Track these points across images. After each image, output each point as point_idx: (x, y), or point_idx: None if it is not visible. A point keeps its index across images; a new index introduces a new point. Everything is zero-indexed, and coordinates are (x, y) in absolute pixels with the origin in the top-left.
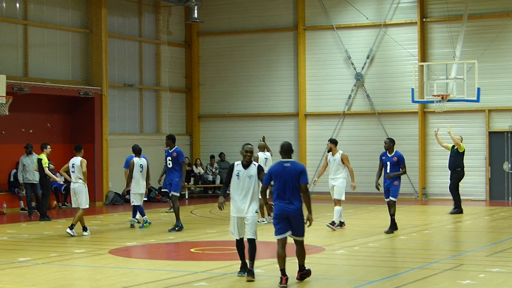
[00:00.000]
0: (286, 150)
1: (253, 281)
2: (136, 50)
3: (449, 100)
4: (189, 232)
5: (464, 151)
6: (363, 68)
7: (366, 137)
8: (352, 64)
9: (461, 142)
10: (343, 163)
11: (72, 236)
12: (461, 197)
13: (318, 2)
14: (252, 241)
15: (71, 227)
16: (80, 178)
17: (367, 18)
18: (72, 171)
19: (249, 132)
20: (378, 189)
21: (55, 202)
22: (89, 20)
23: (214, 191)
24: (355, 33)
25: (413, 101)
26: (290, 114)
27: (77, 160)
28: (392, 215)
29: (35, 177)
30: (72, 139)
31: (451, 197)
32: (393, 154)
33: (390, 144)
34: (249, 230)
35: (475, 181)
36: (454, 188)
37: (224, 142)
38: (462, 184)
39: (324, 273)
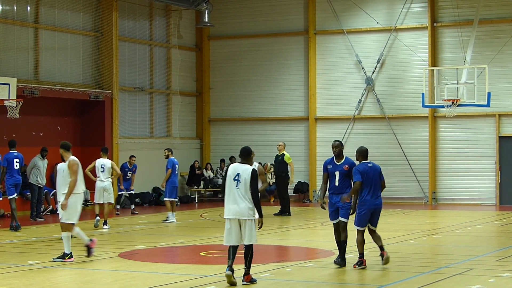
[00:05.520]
0: (365, 154)
1: None
2: (147, 53)
3: (459, 105)
4: (199, 235)
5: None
6: (373, 72)
7: (376, 142)
8: (363, 68)
9: (284, 148)
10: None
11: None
12: (472, 202)
13: (329, 6)
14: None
15: (105, 223)
16: (109, 177)
17: (377, 23)
18: (101, 171)
19: (259, 136)
20: (324, 208)
21: None
22: (100, 23)
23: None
24: (366, 38)
25: (424, 106)
26: (300, 118)
27: (107, 162)
28: (344, 242)
29: (44, 181)
30: (83, 143)
31: (462, 202)
32: (342, 161)
33: (341, 148)
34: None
35: (485, 185)
36: (284, 192)
37: (234, 146)
38: (472, 189)
39: (333, 277)
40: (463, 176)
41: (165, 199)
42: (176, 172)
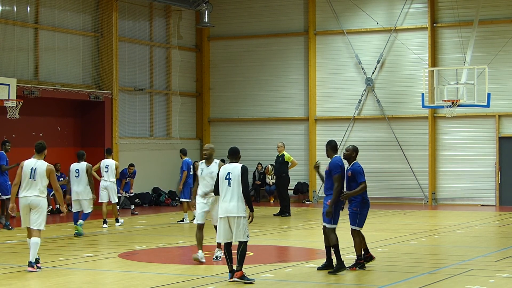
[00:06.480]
0: (357, 152)
1: None
2: (147, 54)
3: (459, 105)
4: None
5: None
6: (373, 73)
7: (376, 142)
8: (363, 69)
9: (284, 148)
10: None
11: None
12: (471, 202)
13: (329, 7)
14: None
15: (117, 220)
16: (113, 178)
17: (377, 23)
18: (105, 171)
19: (259, 136)
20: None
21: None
22: (100, 24)
23: None
24: (366, 38)
25: (423, 106)
26: (300, 119)
27: (111, 163)
28: (336, 246)
29: None
30: (83, 143)
31: (461, 202)
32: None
33: (327, 147)
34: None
35: (485, 186)
36: (285, 192)
37: None
38: (472, 189)
39: (333, 278)
40: (463, 177)
41: (181, 199)
42: (191, 173)
